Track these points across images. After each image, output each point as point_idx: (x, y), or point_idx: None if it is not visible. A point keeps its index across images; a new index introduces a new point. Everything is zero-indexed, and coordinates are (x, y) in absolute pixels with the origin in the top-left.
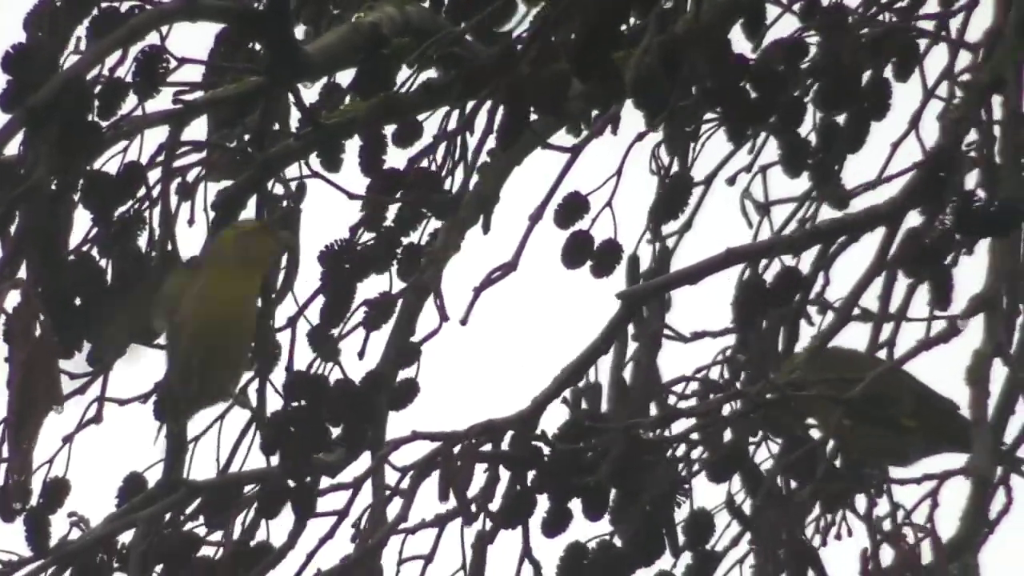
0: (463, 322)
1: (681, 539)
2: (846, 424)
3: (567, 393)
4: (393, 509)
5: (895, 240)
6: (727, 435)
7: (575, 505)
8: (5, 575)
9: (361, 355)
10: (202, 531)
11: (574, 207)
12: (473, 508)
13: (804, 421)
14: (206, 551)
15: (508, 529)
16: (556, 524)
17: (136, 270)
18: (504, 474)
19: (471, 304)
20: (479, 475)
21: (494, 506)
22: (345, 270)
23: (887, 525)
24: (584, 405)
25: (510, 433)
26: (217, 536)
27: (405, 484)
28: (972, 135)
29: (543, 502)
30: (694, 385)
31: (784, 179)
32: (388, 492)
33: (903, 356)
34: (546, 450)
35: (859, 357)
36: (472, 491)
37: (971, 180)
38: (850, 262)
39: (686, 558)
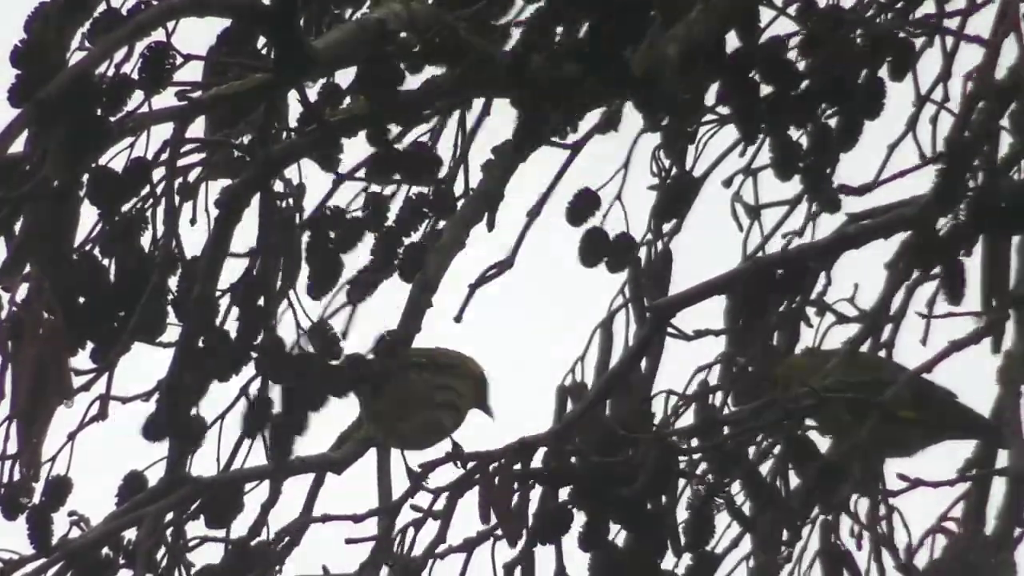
0: (457, 319)
1: (682, 540)
2: (847, 420)
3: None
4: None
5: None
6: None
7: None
8: (7, 573)
9: (344, 336)
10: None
11: (586, 204)
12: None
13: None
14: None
15: (545, 545)
16: (593, 537)
17: (138, 269)
18: (535, 494)
19: (466, 300)
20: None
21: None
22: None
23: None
24: (570, 404)
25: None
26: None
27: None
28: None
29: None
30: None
31: (774, 182)
32: (422, 514)
33: (934, 357)
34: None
35: (882, 362)
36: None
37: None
38: (850, 263)
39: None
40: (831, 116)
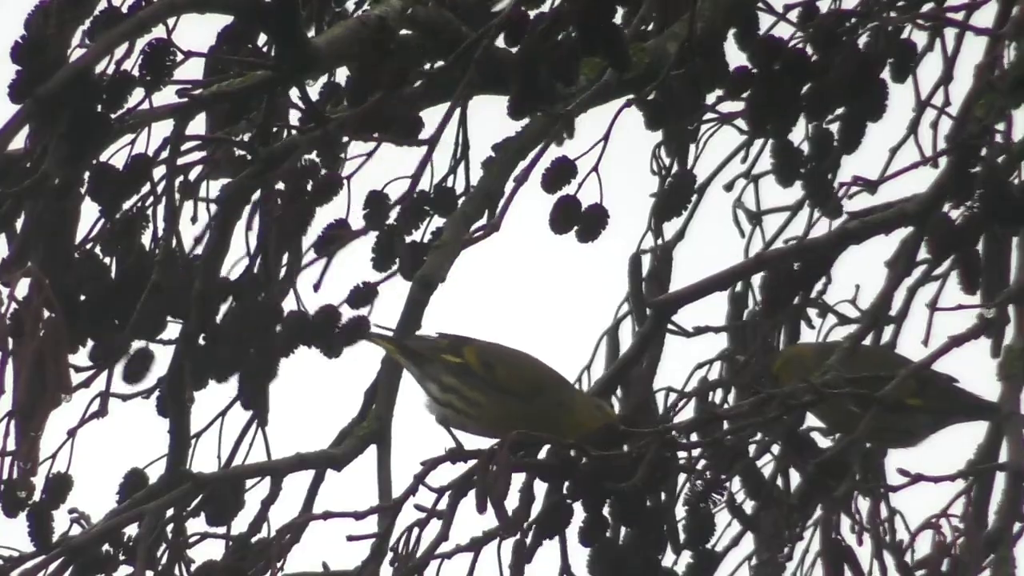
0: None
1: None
2: (853, 411)
3: None
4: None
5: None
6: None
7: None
8: (8, 571)
9: (316, 287)
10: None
11: (561, 171)
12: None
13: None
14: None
15: (547, 539)
16: (593, 532)
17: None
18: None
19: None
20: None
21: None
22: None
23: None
24: None
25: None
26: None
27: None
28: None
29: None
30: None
31: (775, 188)
32: (425, 514)
33: (934, 353)
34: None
35: (889, 356)
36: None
37: None
38: (851, 264)
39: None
40: (832, 121)
